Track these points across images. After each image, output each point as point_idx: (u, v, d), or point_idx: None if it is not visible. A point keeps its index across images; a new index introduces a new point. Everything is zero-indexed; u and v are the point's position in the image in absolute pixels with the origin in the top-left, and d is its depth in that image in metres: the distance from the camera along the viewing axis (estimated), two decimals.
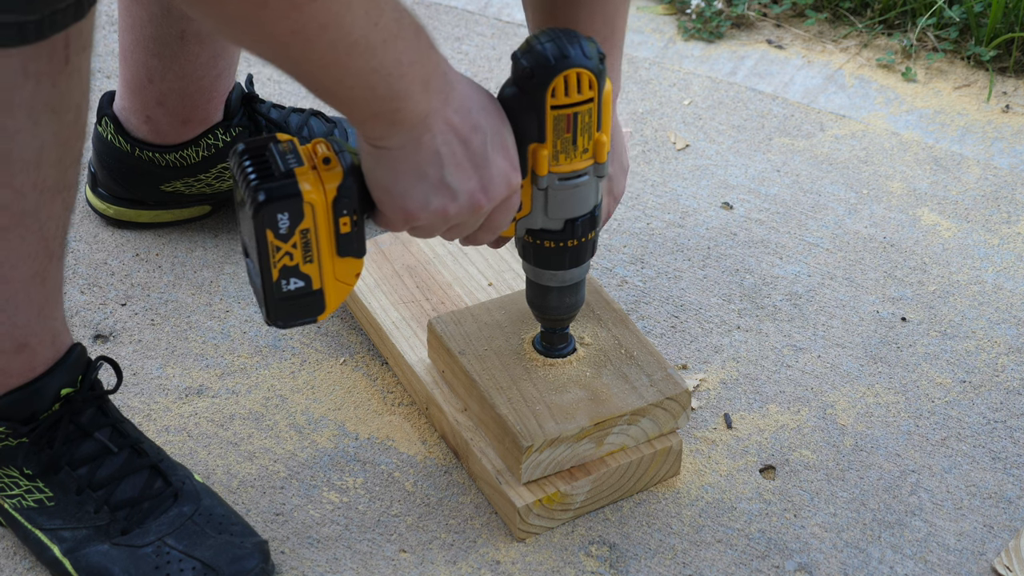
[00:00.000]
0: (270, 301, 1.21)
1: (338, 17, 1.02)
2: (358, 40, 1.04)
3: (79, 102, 1.19)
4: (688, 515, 1.42)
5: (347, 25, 1.03)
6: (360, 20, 1.03)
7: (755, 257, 1.71)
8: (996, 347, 1.60)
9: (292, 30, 1.01)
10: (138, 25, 1.57)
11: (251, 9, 0.99)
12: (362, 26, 1.04)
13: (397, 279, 1.56)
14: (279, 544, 1.38)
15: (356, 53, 1.05)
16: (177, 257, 1.69)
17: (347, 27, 1.03)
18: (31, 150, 1.17)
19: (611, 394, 1.38)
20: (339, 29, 1.02)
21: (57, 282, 1.28)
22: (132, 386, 1.53)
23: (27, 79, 1.13)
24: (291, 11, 1.00)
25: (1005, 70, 2.01)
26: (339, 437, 1.49)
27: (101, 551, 1.31)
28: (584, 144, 1.23)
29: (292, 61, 1.06)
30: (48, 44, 1.12)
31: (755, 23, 2.11)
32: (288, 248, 1.18)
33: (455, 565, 1.37)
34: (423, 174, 1.15)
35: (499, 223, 1.23)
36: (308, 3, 1.00)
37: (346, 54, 1.05)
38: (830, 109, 1.95)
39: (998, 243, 1.73)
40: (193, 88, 1.60)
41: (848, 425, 1.51)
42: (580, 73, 1.19)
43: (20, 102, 1.14)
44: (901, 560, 1.38)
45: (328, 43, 1.03)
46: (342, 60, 1.05)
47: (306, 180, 1.16)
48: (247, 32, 1.03)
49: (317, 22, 1.01)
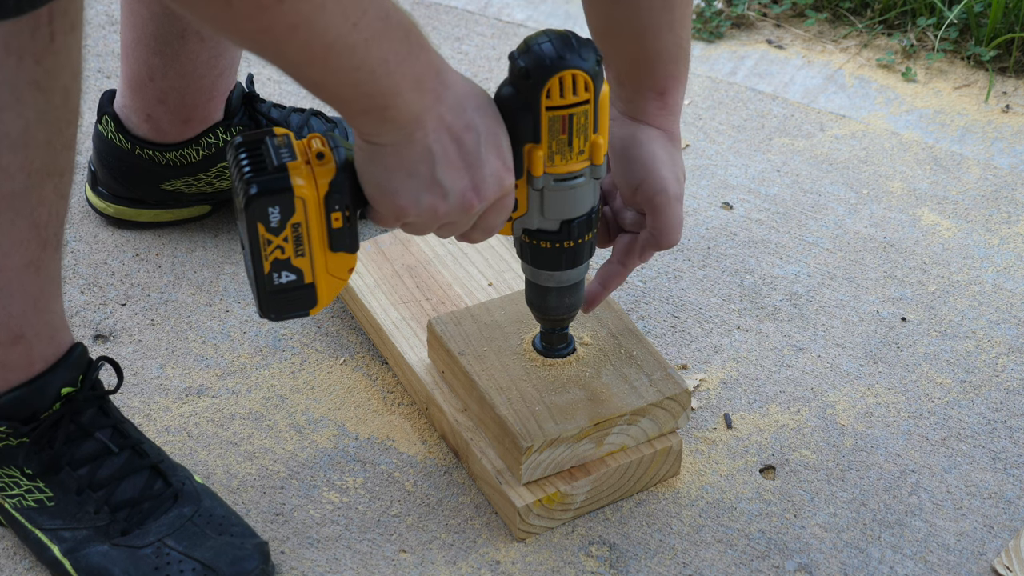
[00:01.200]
0: (262, 294, 1.21)
1: (309, 18, 1.01)
2: (334, 41, 1.03)
3: (67, 84, 1.18)
4: (688, 515, 1.42)
5: (320, 26, 1.02)
6: (336, 20, 1.02)
7: (755, 257, 1.71)
8: (996, 347, 1.60)
9: (260, 29, 1.01)
10: (140, 23, 1.57)
11: (217, 8, 0.99)
12: (338, 26, 1.03)
13: (397, 279, 1.56)
14: (279, 544, 1.38)
15: (334, 53, 1.04)
16: (177, 257, 1.69)
17: (320, 28, 1.02)
18: (16, 128, 1.16)
19: (611, 394, 1.38)
20: (311, 30, 1.02)
21: (53, 274, 1.28)
22: (132, 386, 1.53)
23: (8, 55, 1.13)
24: (257, 12, 0.99)
25: (1005, 70, 2.01)
26: (339, 437, 1.48)
27: (101, 551, 1.31)
28: (580, 145, 1.23)
29: (271, 58, 1.05)
30: (30, 20, 1.12)
31: (755, 23, 2.11)
32: (279, 242, 1.18)
33: (455, 565, 1.37)
34: (414, 171, 1.15)
35: (492, 223, 1.23)
36: (275, 5, 0.99)
37: (323, 54, 1.04)
38: (830, 109, 1.95)
39: (998, 243, 1.73)
40: (194, 87, 1.60)
41: (848, 425, 1.51)
42: (576, 74, 1.19)
43: (3, 79, 1.14)
44: (901, 560, 1.38)
45: (301, 43, 1.03)
46: (319, 59, 1.04)
47: (298, 174, 1.16)
48: (222, 31, 1.04)
49: (285, 23, 1.01)
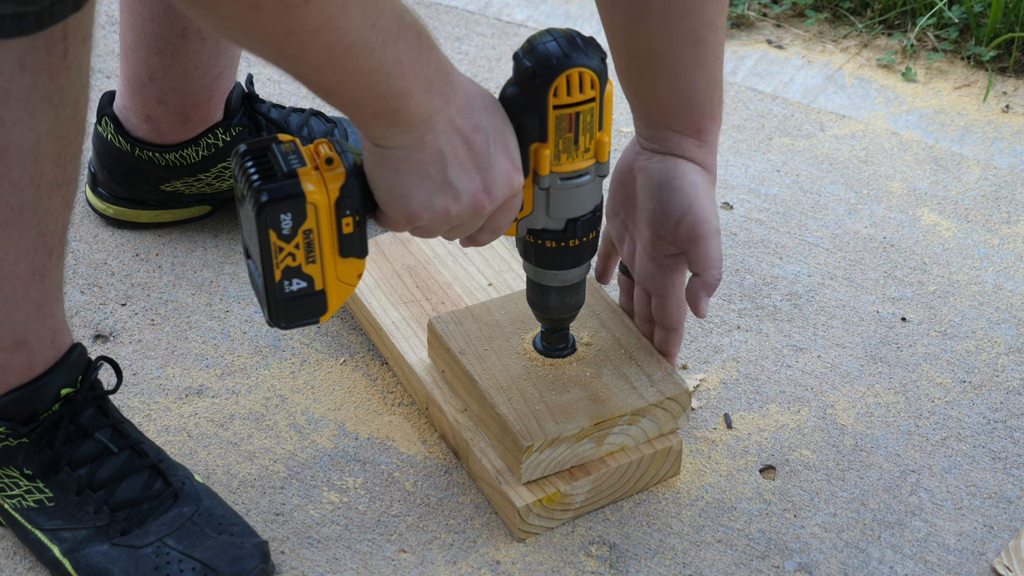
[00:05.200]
0: (272, 302, 1.21)
1: (332, 19, 1.01)
2: (355, 41, 1.04)
3: (77, 97, 1.19)
4: (688, 515, 1.42)
5: (342, 27, 1.02)
6: (356, 21, 1.03)
7: (755, 257, 1.71)
8: (996, 347, 1.60)
9: (286, 31, 1.01)
10: (140, 23, 1.57)
11: (244, 11, 0.99)
12: (358, 27, 1.03)
13: (397, 279, 1.56)
14: (279, 544, 1.38)
15: (353, 54, 1.05)
16: (177, 257, 1.68)
17: (342, 29, 1.02)
18: (28, 143, 1.17)
19: (611, 394, 1.38)
20: (334, 31, 1.02)
21: (57, 280, 1.28)
22: (132, 386, 1.53)
23: (23, 71, 1.13)
24: (283, 13, 1.00)
25: (1005, 70, 2.01)
26: (339, 437, 1.48)
27: (101, 551, 1.31)
28: (586, 144, 1.23)
29: (290, 62, 1.06)
30: (46, 36, 1.12)
31: (755, 23, 2.11)
32: (291, 249, 1.18)
33: (455, 565, 1.37)
34: (426, 174, 1.15)
35: (501, 224, 1.23)
36: (301, 5, 1.00)
37: (343, 55, 1.04)
38: (830, 109, 1.95)
39: (998, 243, 1.73)
40: (194, 86, 1.60)
41: (848, 425, 1.51)
42: (582, 73, 1.19)
43: (17, 94, 1.14)
44: (901, 560, 1.38)
45: (323, 44, 1.03)
46: (339, 61, 1.05)
47: (309, 180, 1.16)
48: (243, 33, 1.03)
49: (311, 24, 1.01)
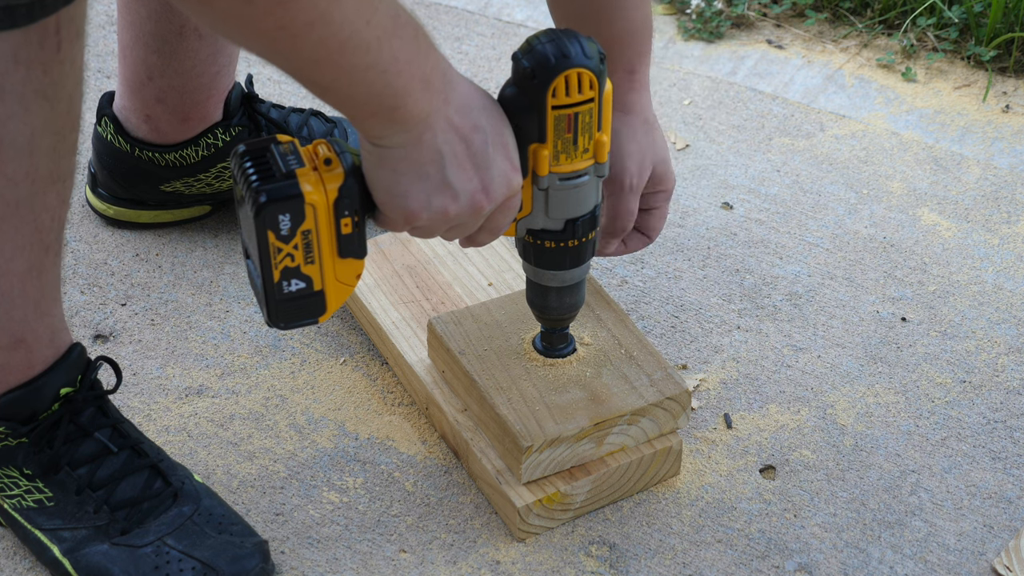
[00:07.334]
0: (271, 303, 1.21)
1: (325, 14, 1.01)
2: (349, 37, 1.04)
3: (72, 92, 1.18)
4: (688, 515, 1.42)
5: (336, 22, 1.02)
6: (350, 17, 1.03)
7: (755, 257, 1.71)
8: (996, 347, 1.60)
9: (278, 26, 1.01)
10: (137, 22, 1.57)
11: (238, 6, 0.99)
12: (352, 23, 1.03)
13: (397, 279, 1.56)
14: (279, 544, 1.38)
15: (348, 50, 1.04)
16: (177, 257, 1.68)
17: (336, 24, 1.02)
18: (23, 137, 1.16)
19: (611, 394, 1.38)
20: (327, 26, 1.02)
21: (54, 278, 1.28)
22: (132, 386, 1.53)
23: (17, 65, 1.13)
24: (276, 7, 0.99)
25: (1005, 70, 2.01)
26: (339, 437, 1.48)
27: (101, 551, 1.31)
28: (585, 144, 1.23)
29: (284, 57, 1.05)
30: (39, 30, 1.12)
31: (755, 23, 2.11)
32: (289, 249, 1.18)
33: (455, 565, 1.37)
34: (424, 174, 1.15)
35: (499, 224, 1.23)
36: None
37: (338, 51, 1.04)
38: (830, 109, 1.95)
39: (998, 243, 1.73)
40: (193, 85, 1.60)
41: (848, 425, 1.51)
42: (581, 73, 1.19)
43: (11, 88, 1.14)
44: (901, 560, 1.38)
45: (317, 40, 1.03)
46: (334, 57, 1.05)
47: (307, 181, 1.16)
48: (237, 29, 1.03)
49: (303, 18, 1.01)
